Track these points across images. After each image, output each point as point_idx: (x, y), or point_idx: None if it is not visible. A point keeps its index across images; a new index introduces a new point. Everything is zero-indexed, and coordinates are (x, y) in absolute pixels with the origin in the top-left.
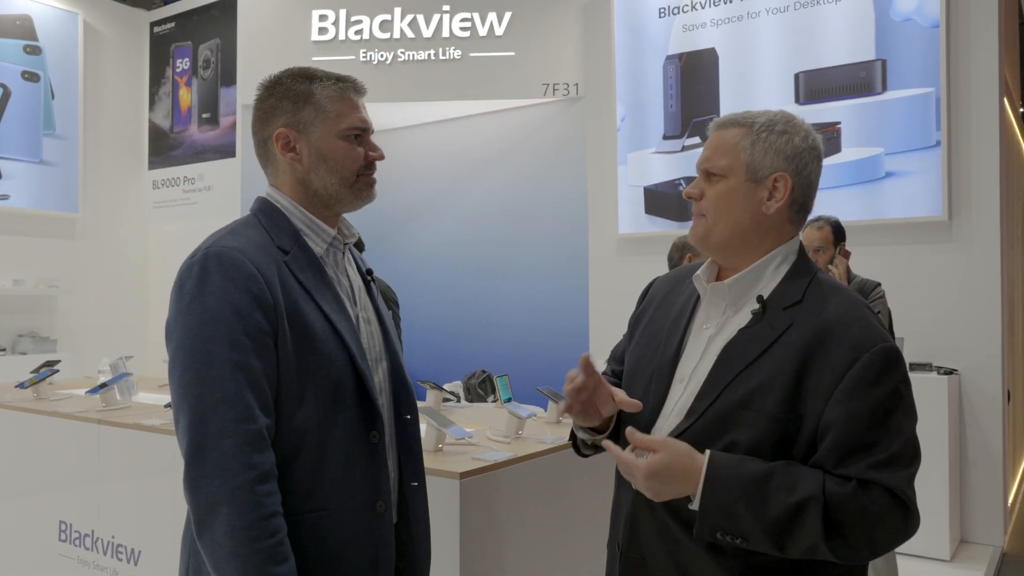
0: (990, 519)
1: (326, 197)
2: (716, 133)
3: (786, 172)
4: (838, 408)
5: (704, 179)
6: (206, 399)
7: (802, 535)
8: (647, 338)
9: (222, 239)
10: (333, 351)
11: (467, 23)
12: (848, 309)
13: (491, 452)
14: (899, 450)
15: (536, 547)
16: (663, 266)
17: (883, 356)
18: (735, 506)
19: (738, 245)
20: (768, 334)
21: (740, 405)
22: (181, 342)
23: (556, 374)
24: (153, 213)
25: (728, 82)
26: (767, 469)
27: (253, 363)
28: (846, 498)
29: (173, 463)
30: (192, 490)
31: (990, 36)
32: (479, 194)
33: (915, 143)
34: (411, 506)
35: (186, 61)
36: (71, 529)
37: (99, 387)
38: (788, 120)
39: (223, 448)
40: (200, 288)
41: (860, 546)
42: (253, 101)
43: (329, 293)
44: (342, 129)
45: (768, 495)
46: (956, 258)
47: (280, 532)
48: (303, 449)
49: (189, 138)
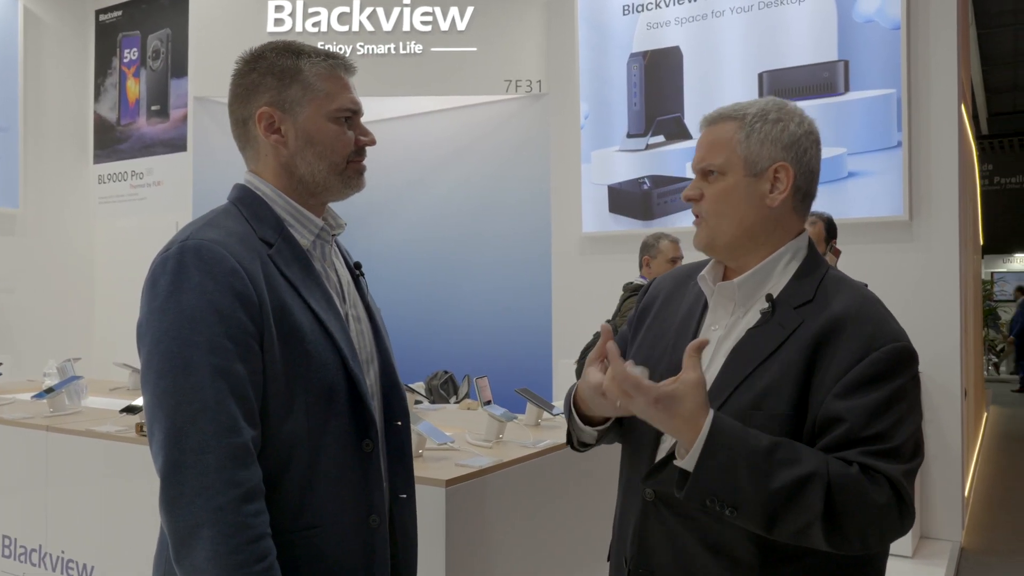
0: (949, 515)
1: (312, 184)
2: (707, 129)
3: (786, 161)
4: (842, 401)
5: (702, 179)
6: (184, 409)
7: (798, 512)
8: (651, 341)
9: (199, 231)
10: (324, 353)
11: (428, 17)
12: (862, 304)
13: (474, 458)
14: (901, 443)
15: (523, 555)
16: (627, 265)
17: (894, 354)
18: (735, 470)
19: (746, 243)
20: (778, 334)
21: (751, 407)
22: (155, 346)
23: (519, 374)
24: (99, 208)
25: (692, 81)
26: (772, 440)
27: (236, 368)
28: (850, 480)
29: (129, 472)
30: (169, 511)
31: (949, 39)
32: (440, 191)
33: (877, 144)
34: (399, 518)
35: (134, 51)
36: (15, 544)
37: (46, 391)
38: (781, 107)
39: (204, 464)
40: (176, 285)
41: (852, 535)
42: (232, 76)
43: (318, 289)
44: (332, 110)
45: (772, 465)
46: (917, 257)
47: (269, 555)
48: (292, 462)
49: (137, 131)
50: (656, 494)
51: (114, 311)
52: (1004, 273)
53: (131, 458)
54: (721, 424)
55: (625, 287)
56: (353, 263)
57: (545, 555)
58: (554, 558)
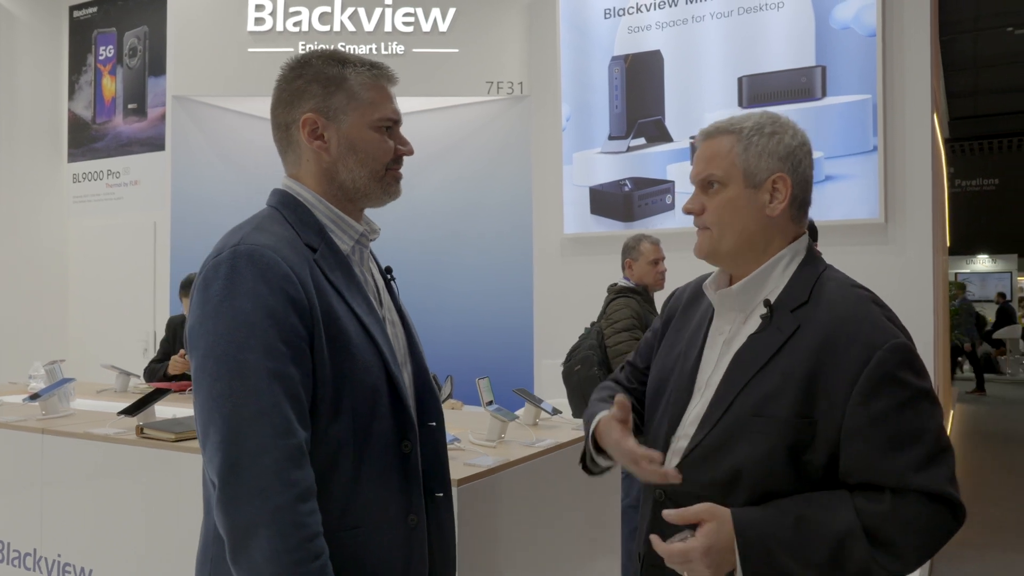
0: None
1: (352, 191)
2: (705, 143)
3: (784, 172)
4: (859, 414)
5: (702, 191)
6: (241, 412)
7: (852, 565)
8: (667, 350)
9: (250, 236)
10: (368, 356)
11: (410, 18)
12: (856, 305)
13: (481, 457)
14: (931, 448)
15: (531, 551)
16: (608, 266)
17: (896, 352)
18: (776, 559)
19: (747, 252)
20: (777, 338)
21: (753, 412)
22: (210, 349)
23: (501, 375)
24: (73, 208)
25: (673, 84)
26: (794, 513)
27: (290, 371)
28: (884, 517)
29: (128, 474)
30: (227, 511)
31: (922, 47)
32: (421, 192)
33: (853, 148)
34: (435, 517)
35: (110, 49)
36: (9, 548)
37: (35, 395)
38: (774, 120)
39: (262, 465)
40: (230, 290)
41: (910, 556)
42: (276, 81)
43: (359, 294)
44: (375, 119)
45: (806, 540)
46: (892, 260)
47: (324, 554)
48: (339, 463)
49: (113, 130)
50: (666, 493)
51: (89, 312)
52: (968, 274)
53: (129, 460)
54: (742, 522)
55: (610, 289)
56: (384, 268)
57: (552, 551)
58: (562, 554)
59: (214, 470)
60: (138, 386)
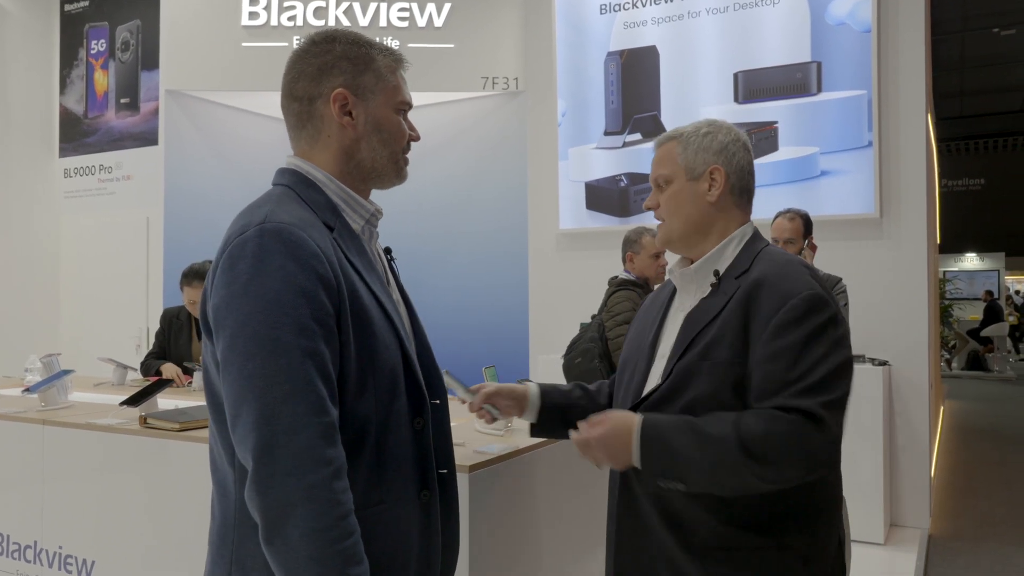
0: (917, 504)
1: (369, 170)
2: (657, 151)
3: (718, 164)
4: (765, 347)
5: (657, 190)
6: (274, 391)
7: (724, 470)
8: (634, 333)
9: (273, 213)
10: (386, 335)
11: (405, 13)
12: (783, 265)
13: (489, 445)
14: (819, 379)
15: (541, 538)
16: (604, 261)
17: (807, 300)
18: (665, 455)
19: (694, 235)
20: (721, 300)
21: (699, 358)
22: (240, 328)
23: (497, 369)
24: (65, 203)
25: (669, 80)
26: (690, 423)
27: (321, 349)
28: (758, 429)
29: (130, 465)
30: (262, 491)
31: (917, 43)
32: (416, 188)
33: (848, 143)
34: (444, 494)
35: (102, 43)
36: (9, 541)
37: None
38: (711, 123)
39: (297, 444)
40: (258, 268)
41: (783, 468)
42: (296, 54)
43: (374, 273)
44: (397, 102)
45: (690, 443)
46: (887, 254)
47: (356, 532)
48: (365, 441)
49: (105, 124)
50: None
51: (81, 308)
52: (956, 272)
53: (132, 451)
54: (646, 419)
55: (611, 282)
56: (384, 248)
57: (560, 537)
58: (571, 539)
59: (247, 450)
60: (135, 380)
